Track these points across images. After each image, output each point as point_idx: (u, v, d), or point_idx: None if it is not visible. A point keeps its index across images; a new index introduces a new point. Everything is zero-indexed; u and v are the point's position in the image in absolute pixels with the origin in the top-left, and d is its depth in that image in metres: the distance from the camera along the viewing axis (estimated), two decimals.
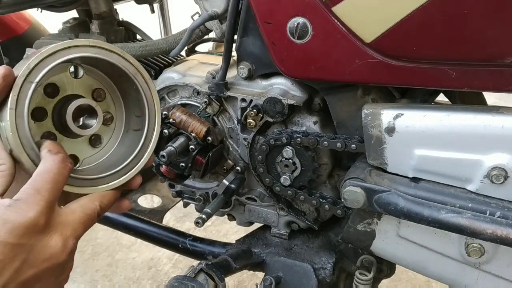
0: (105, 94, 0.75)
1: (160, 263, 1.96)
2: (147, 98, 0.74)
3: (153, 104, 0.75)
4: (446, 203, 0.76)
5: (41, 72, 0.62)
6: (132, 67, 0.72)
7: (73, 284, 1.85)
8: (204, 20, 0.97)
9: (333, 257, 1.02)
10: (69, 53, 0.65)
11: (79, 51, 0.66)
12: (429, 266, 0.86)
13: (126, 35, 1.33)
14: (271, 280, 0.99)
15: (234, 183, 1.02)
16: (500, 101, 2.60)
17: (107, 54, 0.69)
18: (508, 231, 0.69)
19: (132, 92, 0.75)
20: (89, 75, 0.73)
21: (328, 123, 0.95)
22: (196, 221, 0.98)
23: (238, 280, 1.82)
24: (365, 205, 0.81)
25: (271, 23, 0.85)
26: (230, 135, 1.03)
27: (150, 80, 0.74)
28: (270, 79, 0.96)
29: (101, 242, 2.09)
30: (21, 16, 1.52)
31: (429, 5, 0.71)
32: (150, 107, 0.75)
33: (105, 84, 0.76)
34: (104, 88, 0.76)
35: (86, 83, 0.73)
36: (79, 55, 0.66)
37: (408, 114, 0.79)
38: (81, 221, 0.65)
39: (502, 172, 0.72)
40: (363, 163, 0.86)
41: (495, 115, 0.73)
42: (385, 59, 0.78)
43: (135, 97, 0.75)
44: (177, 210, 2.15)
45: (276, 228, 1.09)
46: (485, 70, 0.74)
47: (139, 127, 0.76)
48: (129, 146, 0.76)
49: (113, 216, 1.30)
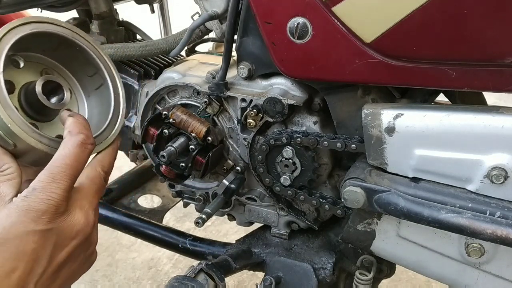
0: (52, 72, 0.76)
1: (160, 263, 1.96)
2: (93, 53, 0.75)
3: (101, 55, 0.77)
4: (446, 203, 0.76)
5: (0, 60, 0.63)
6: (68, 30, 0.73)
7: (73, 284, 1.85)
8: (204, 20, 0.97)
9: (333, 257, 1.02)
10: (12, 36, 0.65)
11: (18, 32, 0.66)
12: (429, 266, 0.86)
13: (126, 35, 1.33)
14: (271, 280, 0.99)
15: (234, 183, 1.02)
16: (500, 101, 2.60)
17: (43, 27, 0.69)
18: (508, 231, 0.69)
19: (75, 57, 0.76)
20: (29, 61, 0.73)
21: (328, 123, 0.95)
22: (196, 221, 0.98)
23: (238, 280, 1.82)
24: (365, 205, 0.81)
25: (271, 23, 0.85)
26: (230, 135, 1.03)
27: (87, 35, 0.75)
28: (270, 79, 0.96)
29: (101, 242, 2.08)
30: (21, 16, 1.51)
31: (429, 5, 0.71)
32: (100, 59, 0.76)
33: (46, 63, 0.76)
34: (47, 66, 0.76)
35: (30, 69, 0.74)
36: (20, 35, 0.66)
37: (408, 114, 0.79)
38: (93, 192, 0.67)
39: (502, 172, 0.72)
40: (363, 163, 0.86)
41: (495, 115, 0.73)
42: (385, 59, 0.78)
43: (80, 59, 0.76)
44: (177, 210, 2.15)
45: (276, 228, 1.09)
46: (485, 70, 0.74)
47: (99, 84, 0.78)
48: (100, 105, 0.78)
49: (113, 216, 1.30)
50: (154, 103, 1.09)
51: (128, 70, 1.18)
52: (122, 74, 1.18)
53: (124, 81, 1.18)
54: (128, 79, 1.18)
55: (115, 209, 1.32)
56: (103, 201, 1.35)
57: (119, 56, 1.10)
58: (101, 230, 2.29)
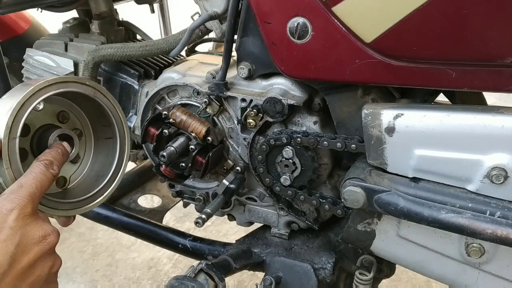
0: (68, 115, 0.83)
1: (160, 263, 1.96)
2: (110, 110, 0.82)
3: (117, 113, 0.83)
4: (446, 203, 0.76)
5: (19, 126, 0.69)
6: (91, 88, 0.79)
7: (73, 284, 1.85)
8: (204, 20, 0.97)
9: (333, 257, 1.02)
10: (35, 99, 0.70)
11: (42, 94, 0.71)
12: (429, 266, 0.86)
13: (126, 35, 1.33)
14: (271, 280, 0.99)
15: (234, 183, 1.02)
16: (500, 101, 2.60)
17: (67, 86, 0.75)
18: (508, 231, 0.69)
19: (93, 105, 0.81)
20: (48, 102, 0.78)
21: (328, 123, 0.95)
22: (196, 221, 0.98)
23: (238, 280, 1.82)
24: (365, 205, 0.81)
25: (271, 23, 0.85)
26: (230, 135, 1.03)
27: (108, 93, 0.81)
28: (270, 79, 0.96)
29: (101, 242, 2.09)
30: (21, 16, 1.51)
31: (429, 5, 0.71)
32: (115, 116, 0.83)
33: (64, 104, 0.82)
34: (66, 109, 0.82)
35: (49, 110, 0.80)
36: (43, 98, 0.72)
37: (408, 114, 0.79)
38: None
39: (502, 172, 0.72)
40: (363, 163, 0.86)
41: (495, 115, 0.73)
42: (385, 59, 0.78)
43: (98, 109, 0.82)
44: (177, 210, 2.15)
45: (276, 228, 1.09)
46: (485, 70, 0.74)
47: (110, 136, 0.85)
48: (106, 153, 0.85)
49: (113, 216, 1.30)
50: (154, 103, 1.09)
51: (128, 70, 1.18)
52: (122, 74, 1.19)
53: (124, 81, 1.18)
54: (128, 79, 1.18)
55: (115, 209, 1.32)
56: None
57: (119, 56, 1.10)
58: (101, 230, 2.29)
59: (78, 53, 1.18)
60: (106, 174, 0.83)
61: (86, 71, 1.12)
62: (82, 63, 1.12)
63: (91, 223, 2.03)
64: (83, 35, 1.25)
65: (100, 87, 0.80)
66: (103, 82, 1.19)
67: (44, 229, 0.65)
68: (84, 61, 1.12)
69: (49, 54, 1.20)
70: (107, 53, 1.10)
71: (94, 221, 1.35)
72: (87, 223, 2.07)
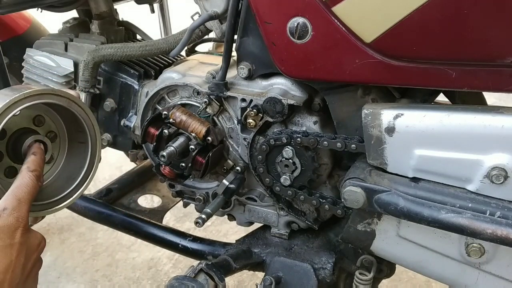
0: (44, 119, 0.86)
1: (160, 263, 1.96)
2: (83, 118, 0.85)
3: (89, 120, 0.86)
4: (446, 203, 0.76)
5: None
6: (65, 99, 0.82)
7: (73, 284, 1.85)
8: (204, 20, 0.97)
9: (333, 257, 1.02)
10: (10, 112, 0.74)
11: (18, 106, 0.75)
12: (429, 266, 0.86)
13: (126, 35, 1.33)
14: (271, 280, 0.99)
15: (234, 183, 1.02)
16: (500, 101, 2.60)
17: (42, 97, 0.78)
18: (508, 231, 0.69)
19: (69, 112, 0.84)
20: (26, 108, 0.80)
21: (328, 123, 0.95)
22: (196, 221, 0.98)
23: (238, 280, 1.82)
24: (365, 205, 0.81)
25: (271, 23, 0.85)
26: (230, 135, 1.03)
27: (82, 102, 0.85)
28: (270, 79, 0.96)
29: (101, 242, 2.08)
30: (21, 16, 1.51)
31: (429, 5, 0.71)
32: (87, 123, 0.86)
33: (42, 110, 0.85)
34: (42, 113, 0.86)
35: (25, 114, 0.83)
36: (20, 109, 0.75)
37: (408, 114, 0.79)
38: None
39: (502, 172, 0.72)
40: (363, 163, 0.86)
41: (495, 115, 0.73)
42: (385, 59, 0.78)
43: (72, 115, 0.84)
44: (177, 210, 2.15)
45: (276, 228, 1.09)
46: (485, 70, 0.74)
47: (83, 141, 0.88)
48: (78, 157, 0.88)
49: (113, 216, 1.30)
50: (154, 103, 1.09)
51: (128, 70, 1.18)
52: (122, 74, 1.19)
53: (124, 81, 1.18)
54: (128, 79, 1.18)
55: (115, 209, 1.32)
56: (103, 201, 1.35)
57: (119, 56, 1.10)
58: (101, 230, 2.29)
59: (78, 53, 1.18)
60: (76, 177, 0.87)
61: (86, 71, 1.12)
62: (82, 63, 1.12)
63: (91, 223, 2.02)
64: (83, 35, 1.25)
65: (74, 98, 0.83)
66: (103, 82, 1.19)
67: (38, 237, 0.74)
68: (84, 61, 1.12)
69: (49, 54, 1.20)
70: (107, 53, 1.10)
71: (94, 221, 1.35)
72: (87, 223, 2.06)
